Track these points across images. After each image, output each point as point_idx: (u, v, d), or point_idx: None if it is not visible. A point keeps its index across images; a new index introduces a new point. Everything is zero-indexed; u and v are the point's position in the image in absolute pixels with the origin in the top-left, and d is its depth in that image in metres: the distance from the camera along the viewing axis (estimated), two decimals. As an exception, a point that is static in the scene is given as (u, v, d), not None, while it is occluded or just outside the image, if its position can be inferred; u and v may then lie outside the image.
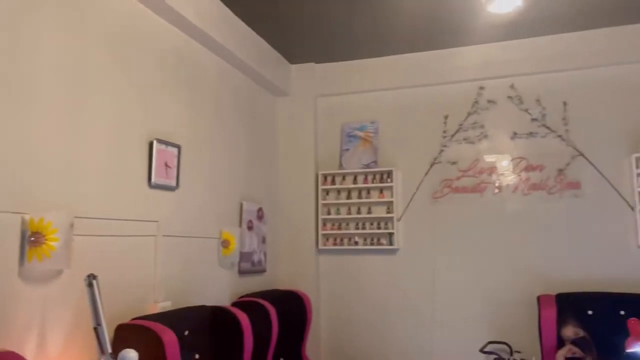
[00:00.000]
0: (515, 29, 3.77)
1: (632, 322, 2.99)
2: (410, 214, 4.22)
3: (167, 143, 2.91)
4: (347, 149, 4.45)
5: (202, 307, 2.94)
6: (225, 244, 3.40)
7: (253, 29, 3.83)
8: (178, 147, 3.01)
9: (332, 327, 4.31)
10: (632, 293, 3.48)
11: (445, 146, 4.18)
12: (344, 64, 4.45)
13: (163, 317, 2.56)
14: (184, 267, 3.09)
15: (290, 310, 3.72)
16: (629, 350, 2.97)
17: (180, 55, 3.17)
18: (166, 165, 2.90)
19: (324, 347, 4.30)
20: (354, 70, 4.43)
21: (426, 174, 4.20)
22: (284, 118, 4.50)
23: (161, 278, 2.86)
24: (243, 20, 3.68)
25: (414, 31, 3.86)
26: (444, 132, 4.20)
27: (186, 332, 2.66)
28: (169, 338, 2.36)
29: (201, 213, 3.28)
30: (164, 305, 2.81)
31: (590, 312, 3.48)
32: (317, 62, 4.48)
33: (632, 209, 3.63)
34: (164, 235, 2.89)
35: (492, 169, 4.05)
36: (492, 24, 3.68)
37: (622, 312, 3.30)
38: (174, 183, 2.97)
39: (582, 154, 3.82)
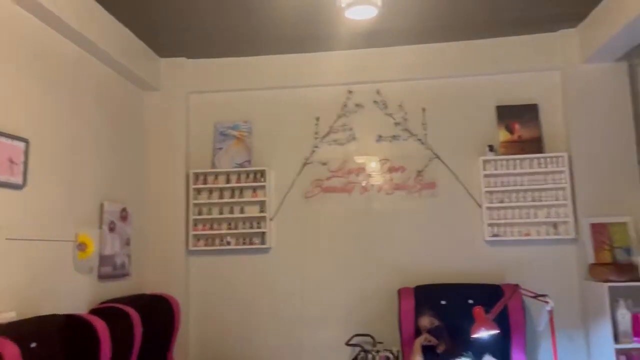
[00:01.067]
0: (377, 37, 3.99)
1: (477, 310, 3.30)
2: (283, 213, 4.27)
3: (11, 136, 2.63)
4: (220, 148, 4.38)
5: (54, 316, 2.71)
6: (81, 247, 3.16)
7: (117, 18, 3.61)
8: (25, 141, 2.74)
9: (202, 330, 4.21)
10: (479, 283, 3.85)
11: (316, 147, 4.29)
12: (218, 60, 4.38)
13: (5, 329, 2.32)
14: (33, 273, 2.81)
15: (157, 315, 3.56)
16: (474, 336, 3.28)
17: (32, 42, 2.88)
18: (10, 161, 2.62)
19: (192, 351, 4.18)
20: (228, 67, 4.37)
21: (298, 174, 4.28)
22: (153, 114, 4.31)
23: (4, 286, 2.58)
24: (106, 9, 3.46)
25: (284, 33, 3.91)
26: (316, 133, 4.31)
27: (33, 344, 2.42)
28: (10, 351, 2.14)
29: (54, 214, 3.02)
30: (6, 316, 2.54)
31: (443, 302, 3.78)
32: (189, 57, 4.35)
33: (480, 206, 4.02)
34: (7, 239, 2.61)
35: (359, 170, 4.24)
36: (355, 31, 3.85)
37: (471, 301, 3.62)
38: (20, 181, 2.70)
39: (438, 157, 4.14)
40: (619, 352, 3.35)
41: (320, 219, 4.23)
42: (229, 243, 4.24)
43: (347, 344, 3.69)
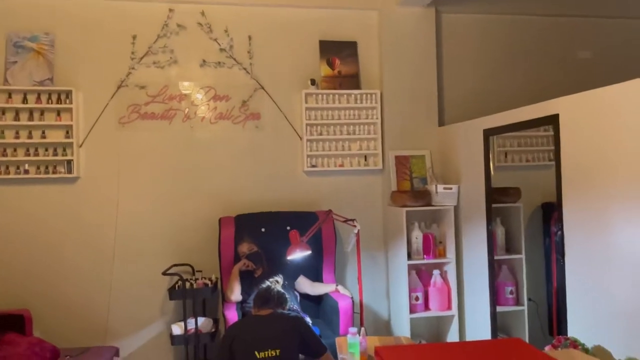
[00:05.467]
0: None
1: (292, 233, 3.47)
2: (94, 140, 3.89)
3: None
4: (15, 62, 3.77)
5: None
6: None
7: None
8: None
9: (4, 270, 3.74)
10: (297, 211, 4.03)
11: (133, 69, 3.94)
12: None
13: None
14: None
15: None
16: (289, 257, 3.46)
17: None
18: None
19: (-14, 291, 3.71)
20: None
21: (112, 97, 3.91)
22: None
23: None
24: None
25: None
26: (132, 53, 3.95)
27: None
28: None
29: None
30: None
31: (263, 230, 3.89)
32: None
33: (301, 138, 4.15)
34: None
35: (181, 97, 4.03)
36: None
37: (289, 228, 3.78)
38: None
39: (262, 87, 4.13)
40: (411, 267, 3.84)
41: (137, 147, 3.96)
42: (27, 172, 3.75)
43: (165, 273, 3.60)
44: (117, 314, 3.90)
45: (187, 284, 3.55)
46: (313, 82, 4.14)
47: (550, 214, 3.36)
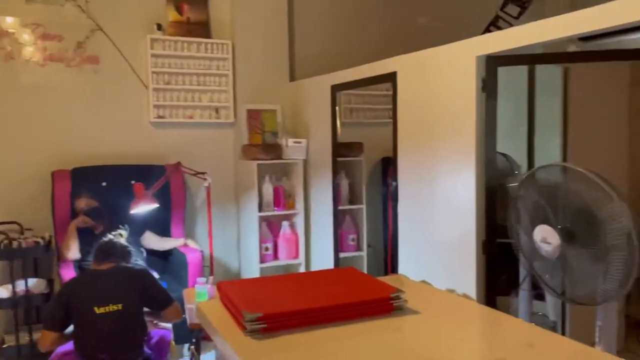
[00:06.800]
0: None
1: (136, 186, 3.31)
2: None
3: None
4: None
5: None
6: None
7: None
8: None
9: None
10: (143, 164, 3.83)
11: (-64, -5, 3.33)
12: None
13: None
14: None
15: None
16: (133, 211, 3.30)
17: None
18: None
19: None
20: None
21: None
22: None
23: None
24: None
25: None
26: None
27: None
28: None
29: None
30: None
31: (104, 184, 3.65)
32: None
33: (146, 87, 3.90)
34: None
35: (3, 33, 3.52)
36: None
37: (134, 182, 3.58)
38: None
39: (101, 29, 3.78)
40: (262, 219, 3.91)
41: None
42: None
43: (-13, 233, 3.21)
44: None
45: (15, 244, 3.20)
46: (159, 27, 3.89)
47: (388, 167, 3.65)
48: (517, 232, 2.21)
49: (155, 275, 3.23)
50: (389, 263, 3.61)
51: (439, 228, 2.76)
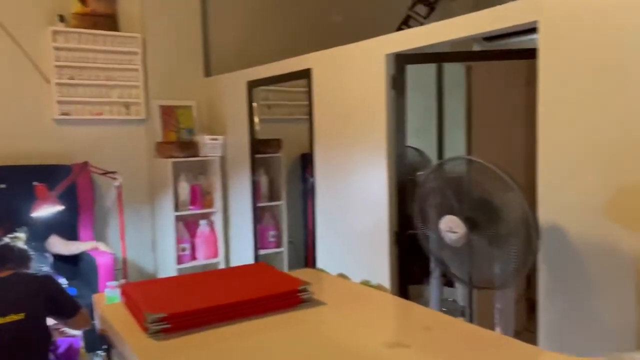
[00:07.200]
0: None
1: (39, 188, 3.11)
2: None
3: None
4: None
5: None
6: None
7: None
8: None
9: None
10: (46, 164, 3.60)
11: None
12: None
13: None
14: None
15: None
16: (35, 214, 3.09)
17: None
18: None
19: None
20: None
21: None
22: None
23: None
24: None
25: None
26: None
27: None
28: None
29: None
30: None
31: (3, 186, 3.39)
32: None
33: (48, 82, 3.66)
34: None
35: None
36: None
37: (36, 183, 3.35)
38: None
39: (-4, 20, 3.50)
40: (178, 218, 3.80)
41: None
42: None
43: None
44: None
45: None
46: (62, 18, 3.66)
47: (308, 163, 3.68)
48: (422, 222, 2.30)
49: (64, 281, 3.06)
50: (309, 258, 3.64)
51: (354, 221, 2.81)
